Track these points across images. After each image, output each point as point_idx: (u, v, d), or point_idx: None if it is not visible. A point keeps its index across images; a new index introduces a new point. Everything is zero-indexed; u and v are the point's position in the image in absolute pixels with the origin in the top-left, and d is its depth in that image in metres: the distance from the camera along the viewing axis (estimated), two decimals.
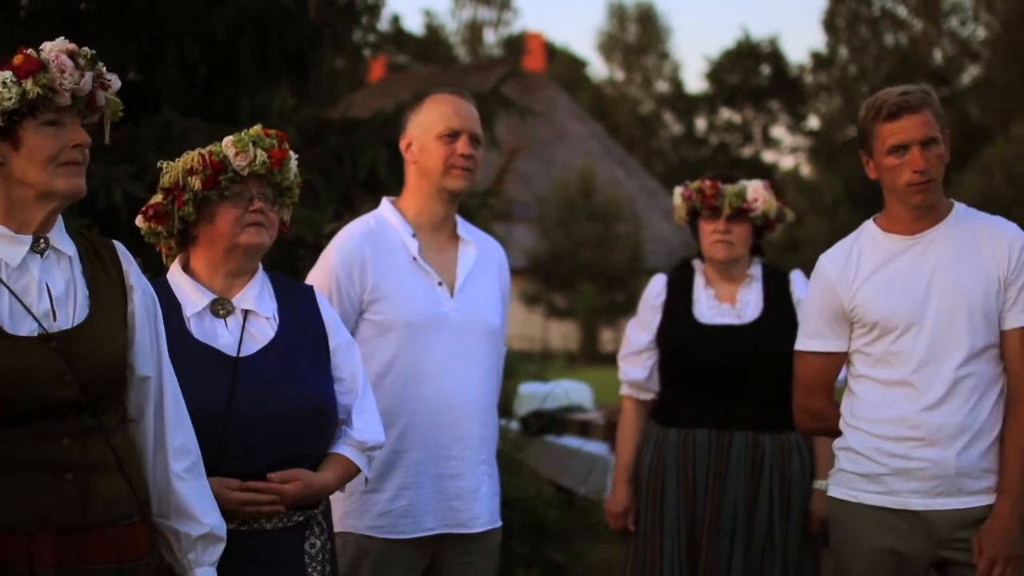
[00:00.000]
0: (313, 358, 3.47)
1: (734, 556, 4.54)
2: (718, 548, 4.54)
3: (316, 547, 3.42)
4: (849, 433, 3.88)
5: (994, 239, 3.79)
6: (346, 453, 3.47)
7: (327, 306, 3.60)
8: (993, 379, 3.76)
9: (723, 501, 4.57)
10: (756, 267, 4.81)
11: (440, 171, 4.06)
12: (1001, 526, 3.66)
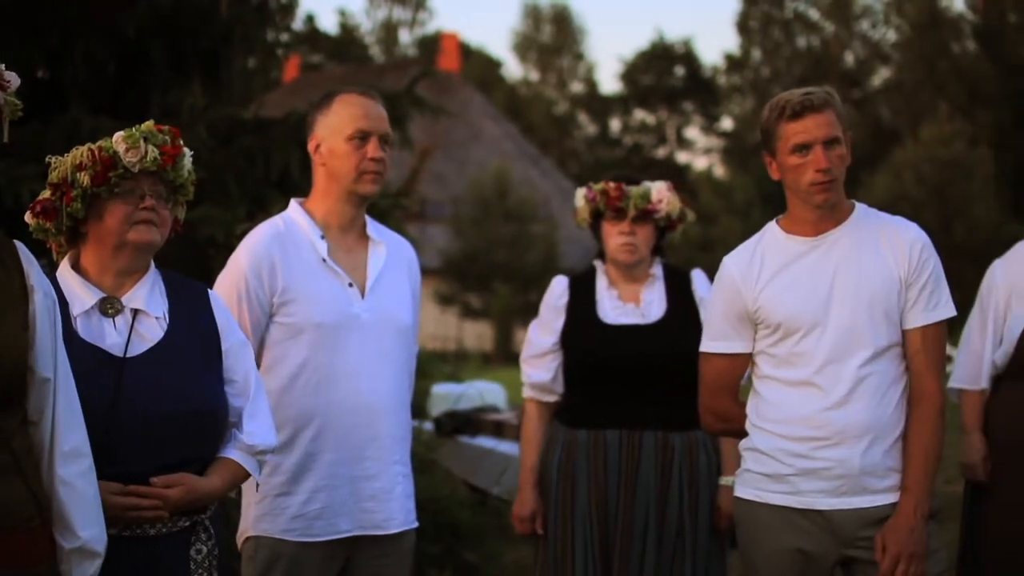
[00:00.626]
0: (203, 359, 3.40)
1: (647, 553, 4.56)
2: (631, 546, 4.56)
3: (203, 553, 3.35)
4: (755, 434, 3.91)
5: (895, 239, 3.82)
6: (235, 457, 3.42)
7: (221, 306, 3.53)
8: (896, 378, 3.80)
9: (635, 500, 4.58)
10: (657, 267, 4.84)
11: (351, 176, 4.02)
12: (904, 524, 3.70)
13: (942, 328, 3.82)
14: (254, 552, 3.92)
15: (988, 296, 4.89)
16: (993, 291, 4.88)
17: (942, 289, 3.83)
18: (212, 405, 3.36)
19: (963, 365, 4.93)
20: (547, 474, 4.75)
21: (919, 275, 3.78)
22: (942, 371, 3.84)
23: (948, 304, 3.83)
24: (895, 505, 3.74)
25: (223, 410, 3.41)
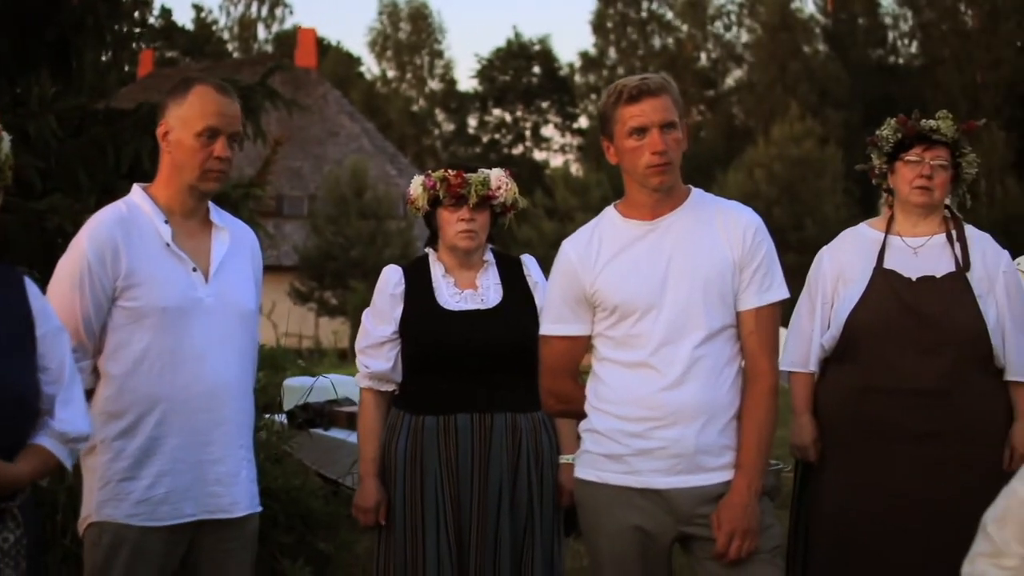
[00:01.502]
0: (15, 346, 3.32)
1: (501, 532, 4.59)
2: (487, 528, 4.60)
3: (9, 541, 3.30)
4: (593, 415, 3.97)
5: (730, 223, 3.91)
6: (46, 444, 3.38)
7: (36, 292, 3.48)
8: (730, 359, 3.89)
9: (489, 482, 4.61)
10: (489, 253, 4.88)
11: (195, 173, 3.98)
12: (739, 501, 3.78)
13: (775, 310, 3.91)
14: (97, 538, 3.87)
15: (816, 282, 5.03)
16: (820, 277, 5.01)
17: (775, 272, 3.92)
18: (23, 391, 3.31)
19: (792, 349, 5.05)
20: (391, 463, 4.73)
21: (752, 258, 3.87)
22: (775, 352, 3.94)
23: (781, 286, 3.93)
24: (730, 483, 3.82)
25: (35, 397, 3.35)
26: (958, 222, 5.01)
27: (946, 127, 4.90)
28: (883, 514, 4.77)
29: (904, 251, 4.94)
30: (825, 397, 4.98)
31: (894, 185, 4.98)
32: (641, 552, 3.90)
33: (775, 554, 3.90)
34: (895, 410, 4.79)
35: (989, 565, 3.09)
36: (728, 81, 63.26)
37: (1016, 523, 3.07)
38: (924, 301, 4.84)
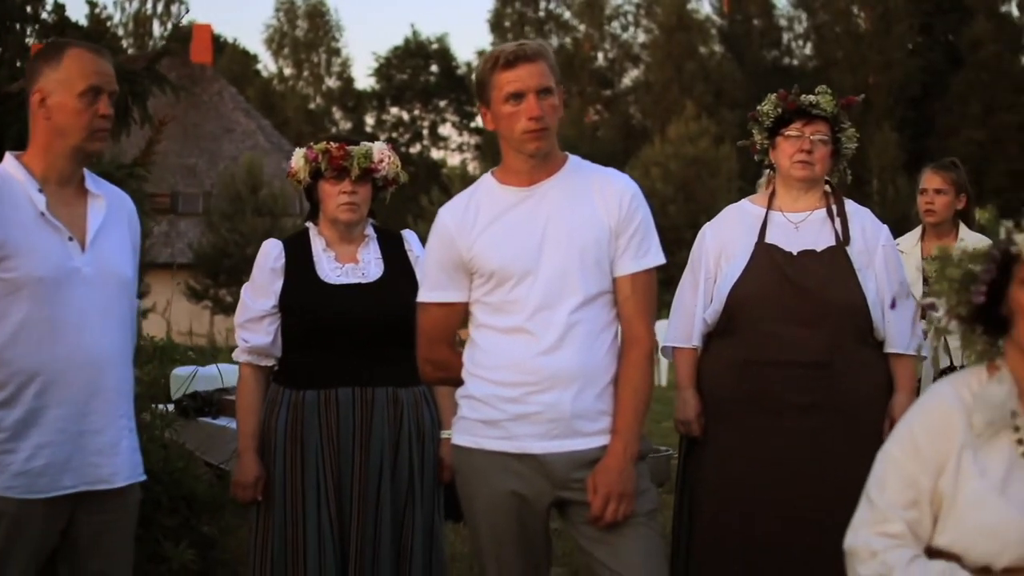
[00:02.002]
0: None
1: (382, 506, 4.58)
2: (367, 502, 4.59)
3: None
4: (470, 381, 3.97)
5: (606, 189, 3.92)
6: None
7: None
8: (606, 324, 3.90)
9: (370, 456, 4.61)
10: (370, 227, 4.87)
11: (81, 134, 3.90)
12: (614, 465, 3.79)
13: (651, 276, 3.93)
14: None
15: (699, 258, 5.07)
16: (703, 253, 5.06)
17: (651, 238, 3.94)
18: None
19: (676, 324, 5.10)
20: (271, 438, 4.71)
21: (628, 224, 3.89)
22: (651, 317, 3.95)
23: (657, 252, 3.95)
24: (606, 447, 3.83)
25: None
26: (838, 197, 5.07)
27: (825, 102, 4.96)
28: (766, 486, 4.81)
29: (785, 226, 4.99)
30: (708, 371, 5.02)
31: (775, 160, 5.03)
32: (518, 517, 3.90)
33: (651, 517, 3.92)
34: (777, 382, 4.84)
35: (871, 534, 3.08)
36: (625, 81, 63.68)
37: (896, 485, 3.08)
38: (805, 275, 4.89)
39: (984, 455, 3.02)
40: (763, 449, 4.84)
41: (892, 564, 3.02)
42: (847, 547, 3.13)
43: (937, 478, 3.04)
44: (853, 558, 3.11)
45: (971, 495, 2.99)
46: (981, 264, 3.03)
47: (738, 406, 4.90)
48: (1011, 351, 3.05)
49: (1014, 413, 3.02)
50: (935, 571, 2.99)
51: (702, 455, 5.02)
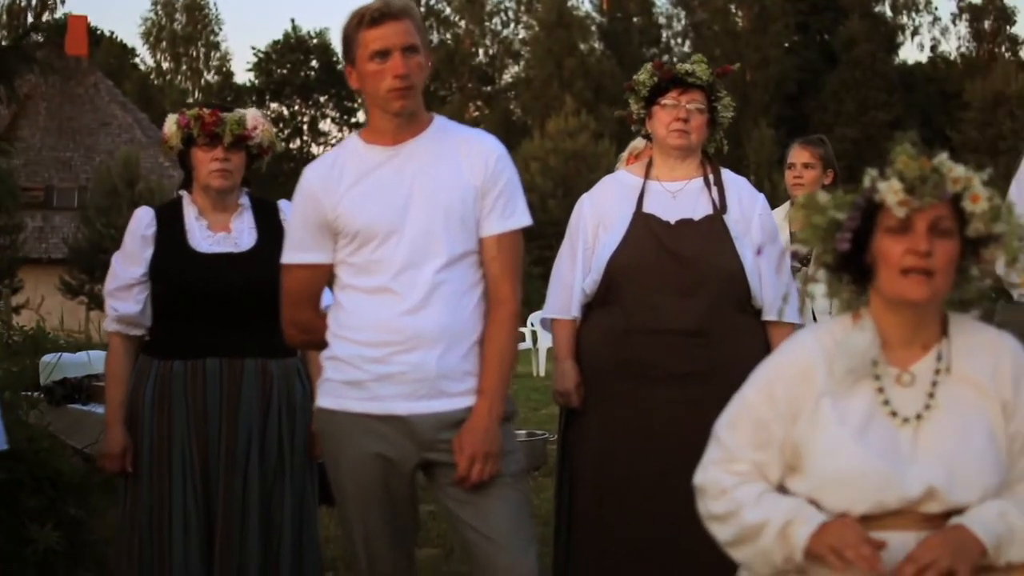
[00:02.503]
0: None
1: (249, 481, 4.52)
2: (234, 475, 4.51)
3: None
4: (334, 342, 3.92)
5: (472, 149, 3.89)
6: None
7: None
8: (472, 284, 3.87)
9: (238, 428, 4.54)
10: (245, 197, 4.80)
11: None
12: (480, 425, 3.77)
13: (517, 236, 3.91)
14: None
15: (576, 228, 5.04)
16: (580, 223, 5.03)
17: (517, 199, 3.92)
18: None
19: (554, 296, 5.06)
20: (138, 409, 4.62)
21: (494, 184, 3.86)
22: (517, 278, 3.92)
23: (524, 213, 3.92)
24: (472, 408, 3.81)
25: None
26: (715, 166, 5.06)
27: (701, 70, 4.95)
28: (646, 455, 4.78)
29: (663, 195, 4.97)
30: (587, 342, 4.98)
31: (652, 130, 5.01)
32: (383, 479, 3.86)
33: (517, 478, 3.90)
34: (656, 351, 4.82)
35: (720, 472, 3.12)
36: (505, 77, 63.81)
37: (747, 427, 3.11)
38: (683, 243, 4.87)
39: (844, 403, 3.04)
40: (642, 418, 4.81)
41: (742, 500, 3.05)
42: (697, 484, 3.16)
43: (791, 425, 3.06)
44: (703, 495, 3.14)
45: (829, 442, 3.02)
46: (846, 212, 3.04)
47: (617, 375, 4.87)
48: (875, 300, 3.07)
49: (875, 362, 3.05)
50: (784, 505, 3.01)
51: (581, 426, 4.98)
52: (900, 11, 64.54)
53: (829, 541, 2.89)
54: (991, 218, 2.96)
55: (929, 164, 2.97)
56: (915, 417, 3.03)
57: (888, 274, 2.98)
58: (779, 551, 2.98)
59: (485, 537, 3.81)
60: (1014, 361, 3.09)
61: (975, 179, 2.98)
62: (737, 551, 3.09)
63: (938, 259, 2.95)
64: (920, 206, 2.95)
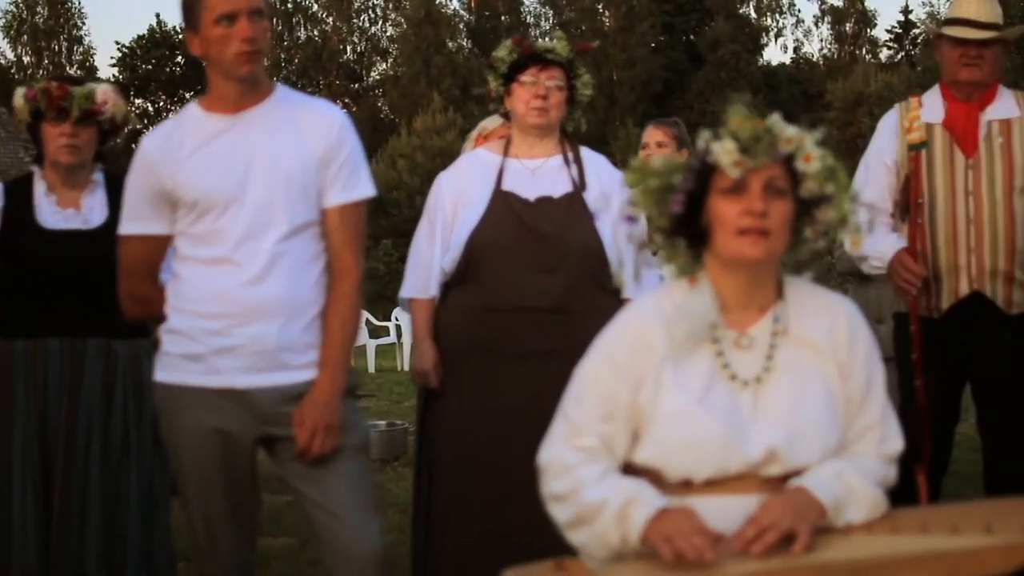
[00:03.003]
0: None
1: (90, 464, 4.43)
2: (75, 457, 4.41)
3: None
4: (173, 315, 3.84)
5: (315, 119, 3.84)
6: None
7: None
8: (314, 256, 3.82)
9: (79, 409, 4.44)
10: (99, 173, 4.71)
11: None
12: (321, 397, 3.72)
13: (360, 208, 3.87)
14: None
15: (435, 206, 4.98)
16: (439, 201, 4.96)
17: (361, 170, 3.88)
18: None
19: (412, 275, 4.99)
20: None
21: (337, 153, 3.81)
22: (360, 249, 3.88)
23: (367, 184, 3.89)
24: (313, 381, 3.76)
25: None
26: (574, 144, 5.03)
27: (561, 47, 4.92)
28: (506, 433, 4.75)
29: (522, 173, 4.94)
30: (446, 320, 4.93)
31: (511, 107, 4.97)
32: (222, 454, 3.79)
33: (359, 451, 3.86)
34: (515, 329, 4.78)
35: (566, 447, 3.06)
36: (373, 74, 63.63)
37: (593, 399, 3.06)
38: (542, 221, 4.84)
39: (685, 368, 3.02)
40: (502, 396, 4.77)
41: (583, 479, 3.00)
42: (540, 462, 3.10)
43: (635, 392, 3.02)
44: (546, 474, 3.08)
45: (670, 408, 2.99)
46: (680, 174, 3.02)
47: (476, 354, 4.82)
48: (712, 263, 3.06)
49: (714, 325, 3.04)
50: (624, 488, 2.96)
51: (440, 408, 4.93)
52: (764, 13, 65.54)
53: (664, 529, 2.85)
54: (824, 178, 2.97)
55: (762, 124, 2.96)
56: (754, 380, 3.03)
57: (724, 235, 2.97)
58: (616, 533, 2.92)
59: (327, 512, 3.76)
60: (849, 322, 3.11)
61: (807, 139, 2.98)
62: (575, 534, 3.02)
63: (773, 219, 2.94)
64: (754, 166, 2.94)
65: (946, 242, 5.11)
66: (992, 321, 5.13)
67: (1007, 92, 5.24)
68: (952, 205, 5.11)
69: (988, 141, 5.12)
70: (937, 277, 5.13)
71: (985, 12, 5.15)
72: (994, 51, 5.17)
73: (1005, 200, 5.08)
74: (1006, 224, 5.08)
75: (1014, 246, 5.08)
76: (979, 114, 5.17)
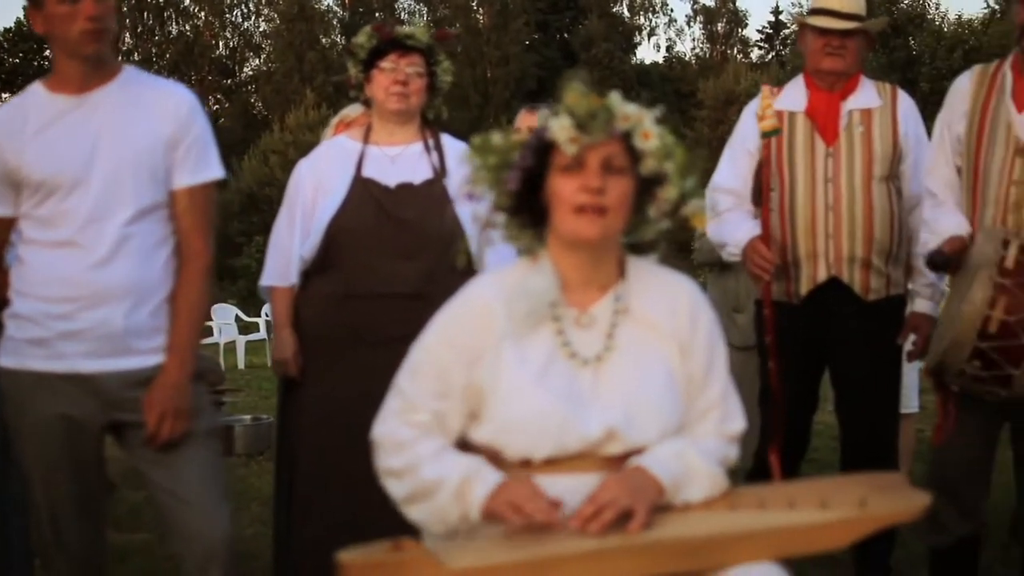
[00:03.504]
0: None
1: None
2: None
3: None
4: (17, 299, 3.76)
5: (163, 100, 3.78)
6: None
7: None
8: (162, 239, 3.77)
9: None
10: None
11: None
12: (170, 381, 3.69)
13: (210, 190, 3.84)
14: None
15: (295, 194, 4.93)
16: (299, 189, 4.92)
17: (210, 151, 3.84)
18: None
19: (272, 263, 4.94)
20: None
21: (185, 135, 3.77)
22: (209, 232, 3.84)
23: (216, 166, 3.86)
24: (162, 366, 3.72)
25: None
26: (434, 131, 5.03)
27: (421, 33, 4.92)
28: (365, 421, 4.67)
29: (382, 159, 4.91)
30: (306, 307, 4.89)
31: (371, 94, 4.94)
32: (67, 440, 3.73)
33: (209, 436, 3.83)
34: (376, 315, 4.76)
35: (399, 423, 3.06)
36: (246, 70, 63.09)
37: (428, 374, 3.06)
38: (402, 207, 4.82)
39: (525, 346, 3.02)
40: (363, 383, 4.68)
41: (420, 455, 3.00)
42: (374, 438, 3.11)
43: (471, 370, 3.02)
44: (380, 449, 3.09)
45: (509, 386, 3.00)
46: (519, 152, 3.00)
47: (336, 341, 4.80)
48: (552, 241, 3.07)
49: (555, 303, 3.04)
50: (463, 463, 2.97)
51: (302, 395, 4.89)
52: (637, 12, 66.02)
53: (508, 497, 2.86)
54: (662, 155, 2.97)
55: (599, 101, 2.97)
56: (595, 358, 3.04)
57: (562, 213, 2.98)
58: (455, 509, 2.93)
59: (177, 498, 3.72)
60: (690, 301, 3.13)
61: (646, 117, 2.98)
62: (413, 509, 3.03)
63: (611, 196, 2.95)
64: (591, 143, 2.94)
65: (805, 228, 5.17)
66: (850, 307, 5.20)
67: (868, 83, 5.32)
68: (812, 192, 5.17)
69: (849, 130, 5.19)
70: (796, 263, 5.20)
71: (848, 3, 5.23)
72: (856, 42, 5.25)
73: (864, 188, 5.15)
74: (864, 212, 5.15)
75: (872, 234, 5.15)
76: (840, 103, 5.25)
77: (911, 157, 5.19)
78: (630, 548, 2.81)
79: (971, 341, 4.18)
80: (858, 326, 5.22)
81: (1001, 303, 4.15)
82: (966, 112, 4.59)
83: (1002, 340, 4.17)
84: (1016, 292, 4.16)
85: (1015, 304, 4.15)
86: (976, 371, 4.22)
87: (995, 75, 4.57)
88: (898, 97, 5.30)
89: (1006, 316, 4.15)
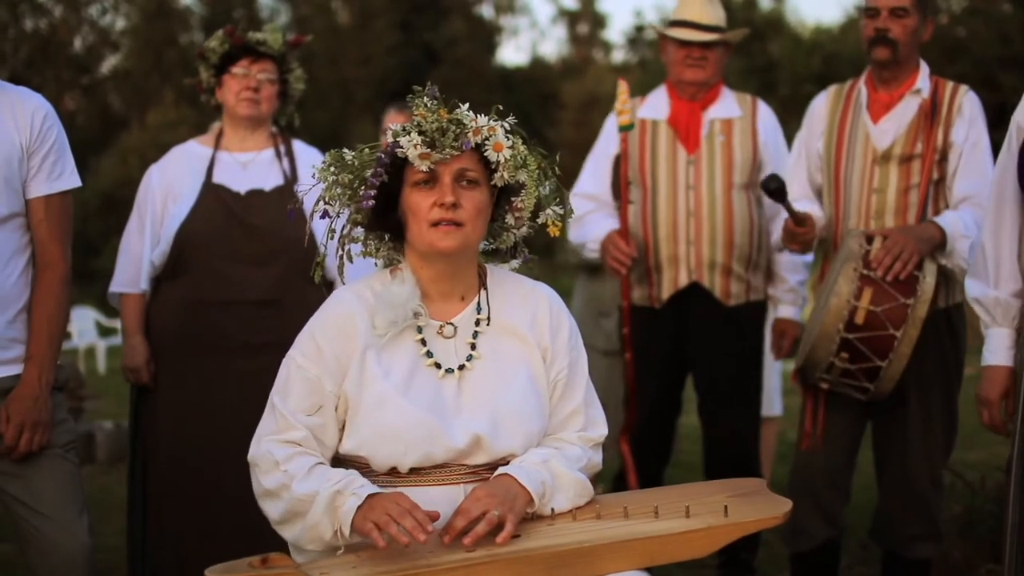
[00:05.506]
0: None
1: None
2: None
3: None
4: None
5: (17, 108, 3.72)
6: None
7: None
8: (19, 249, 3.72)
9: None
10: None
11: None
12: (29, 393, 3.64)
13: (66, 199, 3.79)
14: None
15: (145, 200, 4.91)
16: (149, 194, 4.90)
17: (66, 160, 3.79)
18: None
19: (122, 269, 4.91)
20: None
21: (42, 144, 3.72)
22: (67, 240, 3.80)
23: (72, 175, 3.81)
24: (20, 376, 3.67)
25: None
26: (286, 137, 5.05)
27: (273, 39, 4.94)
28: (219, 428, 4.66)
29: (233, 166, 4.92)
30: (157, 314, 4.86)
31: (222, 99, 4.94)
32: None
33: (68, 449, 3.78)
34: (227, 322, 4.75)
35: (274, 443, 3.02)
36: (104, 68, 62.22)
37: (300, 390, 3.03)
38: (253, 214, 4.81)
39: (388, 356, 3.03)
40: (216, 391, 4.73)
41: (293, 473, 2.97)
42: (250, 458, 3.08)
43: (341, 381, 3.02)
44: (256, 469, 3.05)
45: (374, 396, 3.00)
46: (372, 168, 3.02)
47: (188, 348, 4.77)
48: (411, 254, 3.10)
49: (418, 314, 3.05)
50: (333, 478, 2.95)
51: (155, 402, 4.84)
52: (500, 13, 66.23)
53: (373, 516, 2.82)
54: (515, 166, 3.01)
55: (448, 115, 2.98)
56: (458, 368, 3.06)
57: (418, 227, 3.00)
58: (328, 525, 2.90)
59: (34, 511, 3.68)
60: (551, 309, 3.16)
61: (498, 129, 3.01)
62: (288, 529, 3.00)
63: (466, 210, 2.98)
64: (442, 158, 2.96)
65: (667, 234, 5.22)
66: (711, 312, 5.25)
67: (729, 93, 5.41)
68: (674, 198, 5.22)
69: (710, 139, 5.28)
70: (658, 268, 5.25)
71: (708, 15, 5.29)
72: (717, 52, 5.33)
73: (724, 195, 5.22)
74: (724, 218, 5.22)
75: (732, 240, 5.22)
76: (702, 112, 5.32)
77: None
78: (497, 560, 2.82)
79: (839, 332, 4.29)
80: (719, 331, 5.27)
81: (867, 294, 4.29)
82: (823, 131, 4.75)
83: (869, 331, 4.28)
84: (881, 284, 4.26)
85: (880, 295, 4.26)
86: (844, 364, 4.34)
87: (851, 92, 4.77)
88: (758, 108, 5.41)
89: (872, 307, 4.27)
